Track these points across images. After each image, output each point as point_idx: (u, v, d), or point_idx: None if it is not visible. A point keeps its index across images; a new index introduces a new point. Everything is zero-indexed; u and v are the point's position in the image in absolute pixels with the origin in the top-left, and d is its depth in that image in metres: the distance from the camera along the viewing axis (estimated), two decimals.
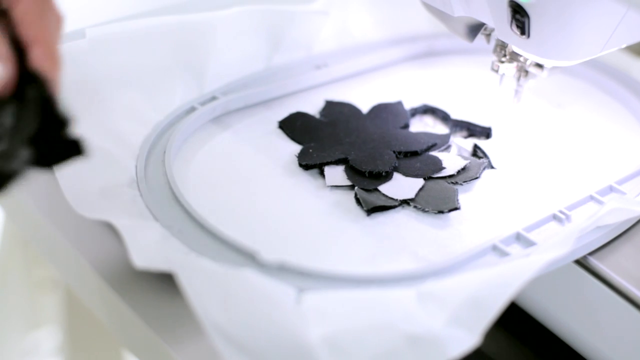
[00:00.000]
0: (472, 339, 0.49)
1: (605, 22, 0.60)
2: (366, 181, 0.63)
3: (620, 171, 0.65)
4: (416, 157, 0.65)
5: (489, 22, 0.64)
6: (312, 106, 0.71)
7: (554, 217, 0.60)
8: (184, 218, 0.57)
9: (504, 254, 0.57)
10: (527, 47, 0.62)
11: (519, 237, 0.59)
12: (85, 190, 0.57)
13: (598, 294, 0.58)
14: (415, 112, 0.72)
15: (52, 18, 0.46)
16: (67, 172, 0.57)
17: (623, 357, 0.59)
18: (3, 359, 1.03)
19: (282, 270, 0.53)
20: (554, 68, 0.67)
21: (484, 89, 0.75)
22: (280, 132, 0.68)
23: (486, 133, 0.71)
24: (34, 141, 0.47)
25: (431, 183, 0.63)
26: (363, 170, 0.63)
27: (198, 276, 0.51)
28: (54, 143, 0.48)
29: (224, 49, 0.70)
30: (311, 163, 0.64)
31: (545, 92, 0.75)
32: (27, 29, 0.45)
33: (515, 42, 0.63)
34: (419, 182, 0.63)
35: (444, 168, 0.64)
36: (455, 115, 0.72)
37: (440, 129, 0.71)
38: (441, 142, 0.68)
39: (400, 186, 0.62)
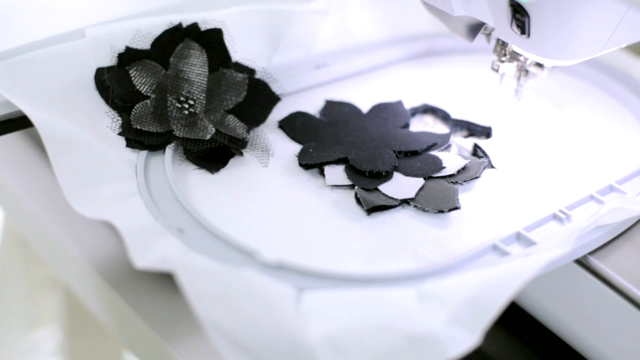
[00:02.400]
0: (472, 339, 0.49)
1: (606, 21, 0.60)
2: (366, 181, 0.63)
3: (621, 171, 0.65)
4: (416, 157, 0.65)
5: (489, 22, 0.63)
6: (312, 106, 0.71)
7: (554, 217, 0.60)
8: (183, 217, 0.57)
9: (504, 253, 0.57)
10: (527, 46, 0.62)
11: (519, 237, 0.58)
12: (85, 190, 0.57)
13: (598, 294, 0.58)
14: (416, 111, 0.72)
15: None
16: (67, 172, 0.57)
17: (623, 357, 0.59)
18: (3, 359, 1.03)
19: (281, 270, 0.53)
20: (554, 67, 0.67)
21: (484, 89, 0.75)
22: (280, 132, 0.68)
23: (486, 133, 0.71)
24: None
25: (431, 182, 0.63)
26: (363, 170, 0.63)
27: (198, 276, 0.50)
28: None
29: None
30: (311, 163, 0.64)
31: (546, 92, 0.75)
32: None
33: (515, 41, 0.63)
34: (419, 182, 0.63)
35: (444, 167, 0.64)
36: (455, 114, 0.72)
37: (440, 128, 0.71)
38: (441, 142, 0.68)
39: (401, 186, 0.62)
